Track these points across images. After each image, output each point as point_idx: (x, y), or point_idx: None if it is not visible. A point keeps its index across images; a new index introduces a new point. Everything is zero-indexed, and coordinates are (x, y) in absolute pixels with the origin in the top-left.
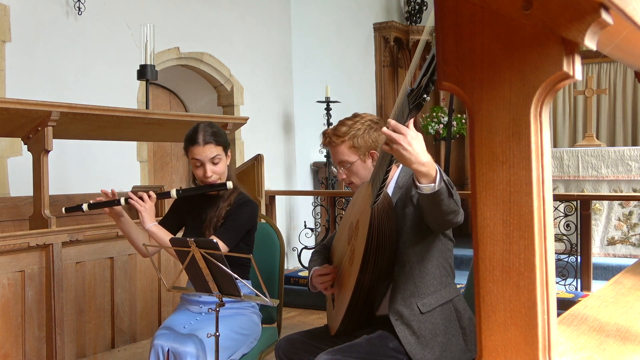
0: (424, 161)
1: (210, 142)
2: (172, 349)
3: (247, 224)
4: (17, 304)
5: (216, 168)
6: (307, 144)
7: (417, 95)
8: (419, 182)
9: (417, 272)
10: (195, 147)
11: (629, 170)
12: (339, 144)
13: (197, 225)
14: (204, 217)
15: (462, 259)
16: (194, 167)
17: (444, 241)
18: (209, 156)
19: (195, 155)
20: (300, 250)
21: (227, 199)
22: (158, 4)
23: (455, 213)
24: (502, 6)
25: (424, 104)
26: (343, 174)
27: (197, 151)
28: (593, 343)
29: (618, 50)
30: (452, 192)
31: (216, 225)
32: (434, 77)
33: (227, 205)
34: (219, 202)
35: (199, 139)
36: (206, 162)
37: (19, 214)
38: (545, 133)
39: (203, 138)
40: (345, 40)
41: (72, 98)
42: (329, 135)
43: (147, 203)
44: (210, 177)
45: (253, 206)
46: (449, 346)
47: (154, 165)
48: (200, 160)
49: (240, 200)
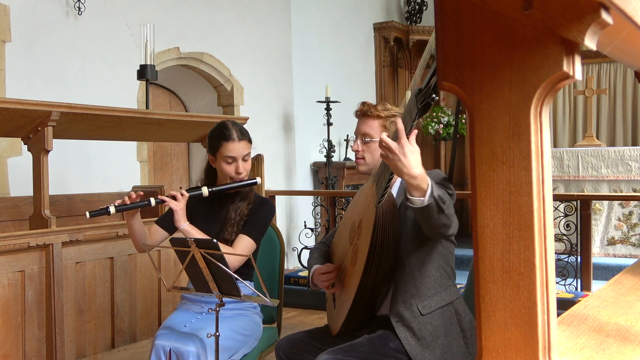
0: (415, 174)
1: (244, 139)
2: (174, 348)
3: (268, 222)
4: (17, 304)
5: (247, 165)
6: (307, 144)
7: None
8: (410, 194)
9: (418, 274)
10: (231, 143)
11: (629, 170)
12: (374, 117)
13: (212, 223)
14: (222, 215)
15: (462, 259)
16: (224, 163)
17: (446, 244)
18: (242, 153)
19: (230, 152)
20: (300, 250)
21: (247, 197)
22: (158, 4)
23: (446, 227)
24: (502, 6)
25: (432, 103)
26: (359, 146)
27: (234, 147)
28: (593, 343)
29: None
30: (443, 208)
31: (239, 223)
32: None
33: (247, 203)
34: (237, 200)
35: (234, 135)
36: (239, 159)
37: (19, 214)
38: (545, 133)
39: (237, 134)
40: (345, 40)
41: (72, 98)
42: (369, 106)
43: (181, 202)
44: (242, 173)
45: (272, 206)
46: (449, 348)
47: (154, 165)
48: (233, 157)
49: (259, 199)
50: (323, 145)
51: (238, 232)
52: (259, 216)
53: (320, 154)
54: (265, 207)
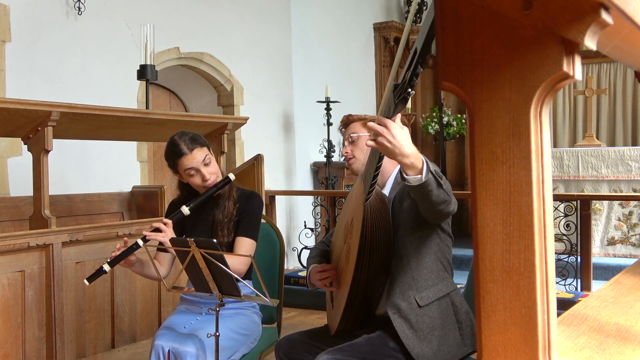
0: (408, 153)
1: (195, 146)
2: (172, 349)
3: (260, 215)
4: (17, 304)
5: (211, 169)
6: (307, 144)
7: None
8: (405, 174)
9: (415, 265)
10: (184, 158)
11: (629, 170)
12: (355, 121)
13: (203, 230)
14: (209, 220)
15: (462, 259)
16: (189, 177)
17: (443, 237)
18: (200, 160)
19: (187, 165)
20: (300, 250)
21: (230, 196)
22: (158, 4)
23: (447, 203)
24: (502, 6)
25: (409, 97)
26: (348, 148)
27: (188, 160)
28: (593, 343)
29: (618, 50)
30: (441, 183)
31: (229, 225)
32: (417, 71)
33: (233, 202)
34: (222, 201)
35: (184, 149)
36: (200, 167)
37: (19, 214)
38: (545, 133)
39: (186, 146)
40: (345, 40)
41: (72, 98)
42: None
43: (167, 231)
44: (209, 179)
45: (259, 197)
46: (445, 340)
47: (154, 165)
48: (194, 168)
49: (244, 193)
50: (323, 145)
51: (230, 233)
52: (250, 212)
53: (320, 154)
54: (252, 200)
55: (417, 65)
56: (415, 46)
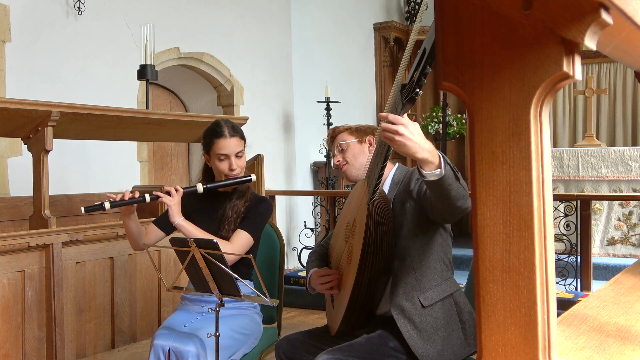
0: (427, 148)
1: (236, 135)
2: (172, 348)
3: (266, 219)
4: (17, 304)
5: (240, 162)
6: (307, 144)
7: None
8: (424, 169)
9: (418, 265)
10: (222, 140)
11: (629, 170)
12: (341, 131)
13: (209, 221)
14: (219, 213)
15: (462, 259)
16: (218, 161)
17: (445, 236)
18: (235, 150)
19: (221, 150)
20: (300, 250)
21: (244, 195)
22: (158, 4)
23: (465, 197)
24: (502, 6)
25: (416, 98)
26: (339, 156)
27: (225, 144)
28: (593, 343)
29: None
30: (458, 176)
31: (236, 221)
32: (426, 71)
33: (244, 201)
34: (233, 198)
35: (225, 132)
36: (232, 156)
37: (19, 214)
38: (545, 133)
39: (229, 131)
40: (345, 40)
41: (72, 98)
42: (334, 128)
43: (175, 197)
44: (235, 170)
45: (270, 204)
46: (449, 340)
47: (154, 165)
48: (226, 154)
49: (257, 197)
50: (323, 145)
51: (235, 229)
52: (256, 212)
53: (320, 154)
54: (262, 204)
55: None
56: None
